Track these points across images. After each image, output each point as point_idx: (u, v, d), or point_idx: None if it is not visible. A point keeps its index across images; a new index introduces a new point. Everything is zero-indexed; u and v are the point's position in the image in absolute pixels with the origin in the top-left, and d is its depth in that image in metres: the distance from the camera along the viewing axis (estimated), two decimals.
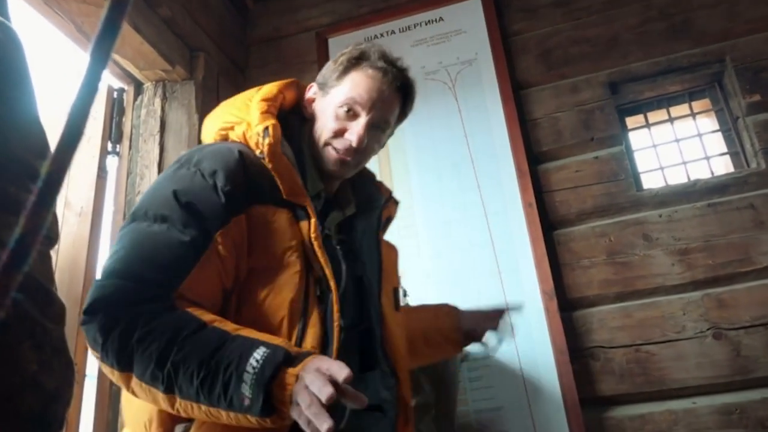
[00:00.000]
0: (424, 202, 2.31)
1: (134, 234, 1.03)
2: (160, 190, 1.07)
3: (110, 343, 0.93)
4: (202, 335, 0.93)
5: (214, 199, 1.06)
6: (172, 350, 0.91)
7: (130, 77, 2.38)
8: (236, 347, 0.91)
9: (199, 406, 0.91)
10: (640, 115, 2.35)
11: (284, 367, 0.89)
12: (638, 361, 1.96)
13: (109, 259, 1.01)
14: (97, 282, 0.99)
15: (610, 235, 2.12)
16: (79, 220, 2.10)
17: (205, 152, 1.13)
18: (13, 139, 0.80)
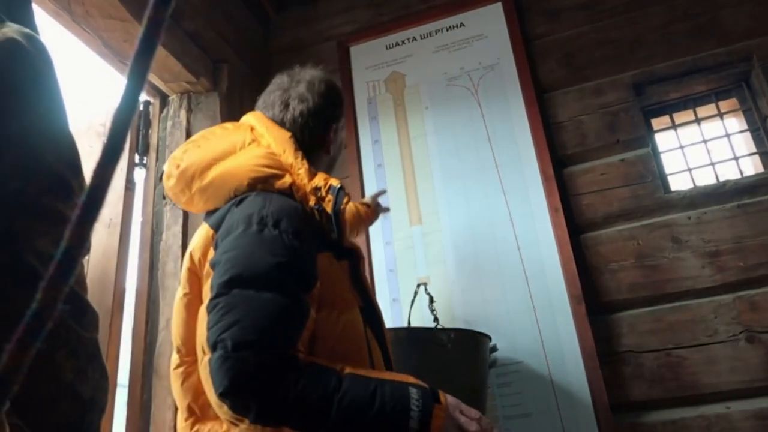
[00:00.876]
0: (448, 208, 2.31)
1: (248, 303, 1.07)
2: (257, 258, 1.11)
3: (266, 407, 1.02)
4: (350, 383, 1.08)
5: (306, 261, 1.15)
6: (332, 399, 1.04)
7: (156, 90, 2.41)
8: (392, 389, 1.09)
9: None
10: (665, 117, 2.33)
11: (435, 404, 1.10)
12: (670, 365, 1.93)
13: (228, 329, 1.04)
14: (229, 355, 1.02)
15: (638, 238, 2.09)
16: (109, 232, 2.13)
17: (275, 211, 1.17)
18: (47, 150, 0.81)
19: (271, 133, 1.34)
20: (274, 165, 1.27)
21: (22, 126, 0.80)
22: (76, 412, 0.79)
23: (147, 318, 2.13)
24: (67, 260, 0.37)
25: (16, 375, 0.35)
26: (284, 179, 1.25)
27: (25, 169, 0.78)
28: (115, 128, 0.37)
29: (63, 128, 0.86)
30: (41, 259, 0.74)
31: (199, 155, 1.30)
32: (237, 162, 1.27)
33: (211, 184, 1.26)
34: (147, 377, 2.05)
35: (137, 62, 0.37)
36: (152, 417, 2.00)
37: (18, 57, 0.82)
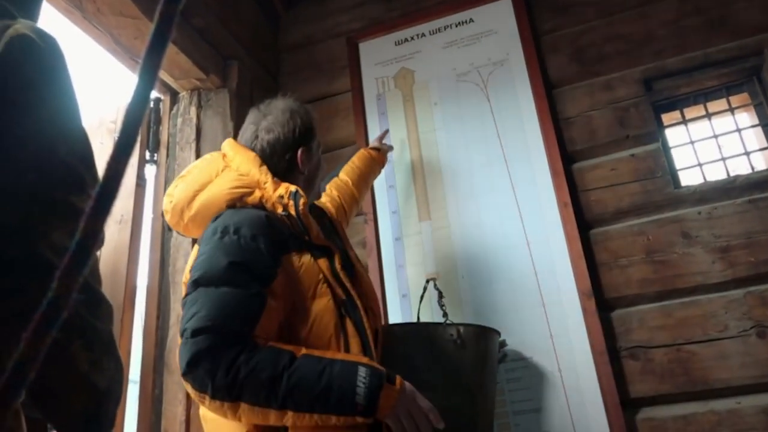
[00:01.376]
0: (457, 203, 2.31)
1: (206, 297, 1.24)
2: (216, 259, 1.29)
3: (219, 381, 1.17)
4: (303, 362, 1.21)
5: (262, 259, 1.30)
6: (281, 377, 1.18)
7: (166, 87, 2.43)
8: (341, 368, 1.22)
9: (312, 416, 1.19)
10: (676, 112, 2.31)
11: (387, 384, 1.23)
12: (680, 360, 1.93)
13: (190, 320, 1.22)
14: (188, 340, 1.20)
15: (648, 233, 2.09)
16: (120, 228, 2.15)
17: (238, 221, 1.35)
18: (60, 145, 0.82)
19: (239, 156, 1.52)
20: (244, 184, 1.46)
21: (35, 121, 0.81)
22: (92, 402, 0.80)
23: (158, 314, 2.15)
24: (81, 251, 0.38)
25: (32, 363, 0.36)
26: (254, 194, 1.44)
27: (39, 164, 0.79)
28: (129, 121, 0.38)
29: (76, 123, 0.87)
30: (56, 251, 0.75)
31: (184, 189, 1.50)
32: (214, 189, 1.47)
33: (198, 213, 1.47)
34: (158, 372, 2.07)
35: (149, 56, 0.38)
36: (164, 411, 2.01)
37: (30, 53, 0.83)
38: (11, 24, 0.83)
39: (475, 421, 1.68)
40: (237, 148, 1.56)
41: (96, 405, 0.81)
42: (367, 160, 2.19)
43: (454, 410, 1.63)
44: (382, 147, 2.29)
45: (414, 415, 1.25)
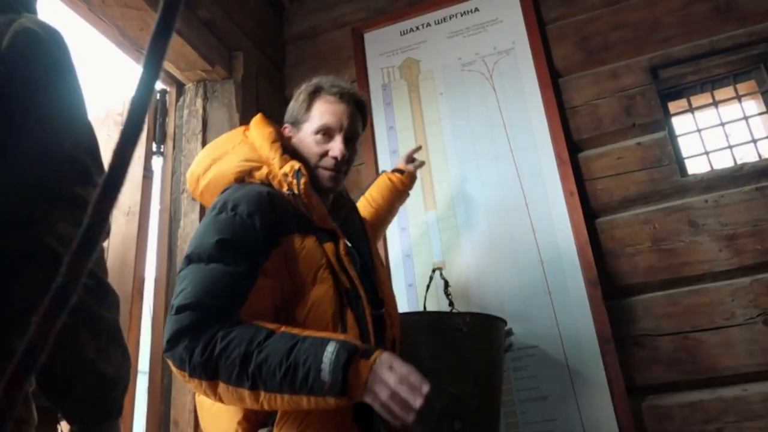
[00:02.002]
0: (463, 193, 2.31)
1: (195, 273, 1.21)
2: (208, 236, 1.25)
3: (195, 359, 1.12)
4: (276, 339, 1.14)
5: (255, 237, 1.25)
6: (252, 354, 1.11)
7: (172, 78, 2.43)
8: (310, 344, 1.12)
9: (282, 396, 1.11)
10: (683, 100, 2.31)
11: (358, 358, 1.11)
12: (686, 348, 1.93)
13: (177, 297, 1.19)
14: (171, 317, 1.17)
15: (654, 222, 2.09)
16: (128, 219, 2.16)
17: (238, 197, 1.31)
18: (66, 137, 0.83)
19: (257, 130, 1.47)
20: (255, 158, 1.42)
21: (41, 115, 0.81)
22: (99, 389, 0.82)
23: (166, 304, 2.16)
24: (89, 237, 0.38)
25: (42, 346, 0.37)
26: (262, 170, 1.40)
27: (45, 157, 0.80)
28: (134, 110, 0.39)
29: (81, 116, 0.88)
30: (62, 242, 0.77)
31: (203, 159, 1.49)
32: (227, 162, 1.44)
33: (210, 183, 1.45)
34: (167, 362, 2.09)
35: (154, 45, 0.39)
36: (173, 400, 2.03)
37: (36, 47, 0.83)
38: (16, 18, 0.84)
39: (481, 409, 1.69)
40: (261, 123, 1.51)
41: (103, 392, 0.82)
42: (385, 189, 2.01)
43: (460, 398, 1.64)
44: (406, 169, 2.07)
45: (393, 387, 1.08)
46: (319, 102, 1.49)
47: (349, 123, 1.49)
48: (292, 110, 1.53)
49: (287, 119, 1.53)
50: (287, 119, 1.53)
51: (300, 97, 1.52)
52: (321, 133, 1.46)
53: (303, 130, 1.49)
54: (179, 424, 1.99)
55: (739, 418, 1.83)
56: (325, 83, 1.51)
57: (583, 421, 1.92)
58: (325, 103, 1.48)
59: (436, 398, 1.46)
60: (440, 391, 1.61)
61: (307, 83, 1.54)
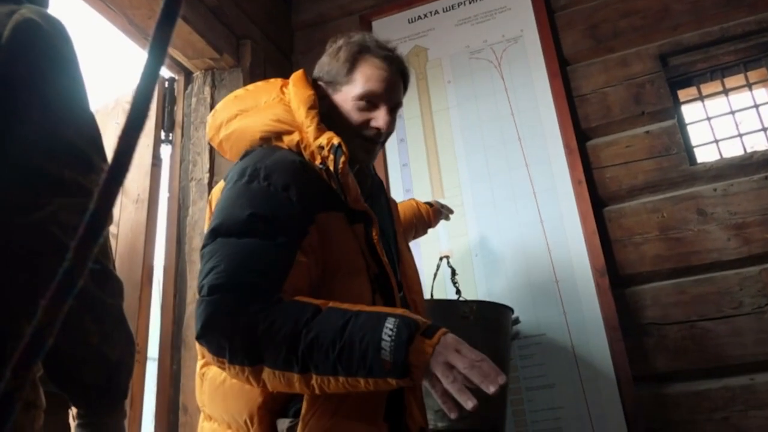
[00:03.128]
0: (471, 181, 2.31)
1: (226, 249, 1.08)
2: (239, 208, 1.13)
3: (237, 344, 1.01)
4: (325, 316, 1.02)
5: (291, 212, 1.13)
6: (300, 333, 1.00)
7: (180, 67, 2.44)
8: (365, 321, 1.01)
9: (337, 379, 1.00)
10: (692, 88, 2.29)
11: (420, 336, 0.99)
12: (693, 337, 1.93)
13: (207, 275, 1.06)
14: (203, 299, 1.04)
15: (662, 210, 2.08)
16: (137, 207, 2.18)
17: (270, 164, 1.18)
18: (67, 127, 0.84)
19: (295, 90, 1.32)
20: (286, 121, 1.28)
21: (42, 104, 0.82)
22: (103, 374, 0.83)
23: (175, 291, 2.18)
24: (95, 222, 0.39)
25: (50, 329, 0.38)
26: (293, 136, 1.26)
27: (47, 146, 0.81)
28: (140, 94, 0.39)
29: (83, 105, 0.89)
30: (65, 230, 0.77)
31: (230, 106, 1.36)
32: (255, 116, 1.31)
33: (231, 134, 1.32)
34: (176, 348, 2.11)
35: (160, 29, 0.39)
36: (182, 386, 2.05)
37: (36, 37, 0.84)
38: (16, 9, 0.84)
39: (487, 397, 1.69)
40: (299, 82, 1.35)
41: (107, 376, 0.84)
42: (409, 211, 1.93)
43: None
44: (435, 204, 2.03)
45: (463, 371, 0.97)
46: (365, 65, 1.33)
47: (394, 92, 1.36)
48: (329, 68, 1.37)
49: (323, 76, 1.38)
50: (323, 76, 1.38)
51: (341, 55, 1.35)
52: (365, 100, 1.32)
53: (342, 92, 1.34)
54: (188, 410, 2.01)
55: (746, 407, 1.83)
56: (370, 43, 1.36)
57: (590, 409, 1.93)
58: (372, 68, 1.33)
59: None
60: None
61: (347, 39, 1.38)
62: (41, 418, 0.84)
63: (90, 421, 0.85)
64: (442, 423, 1.62)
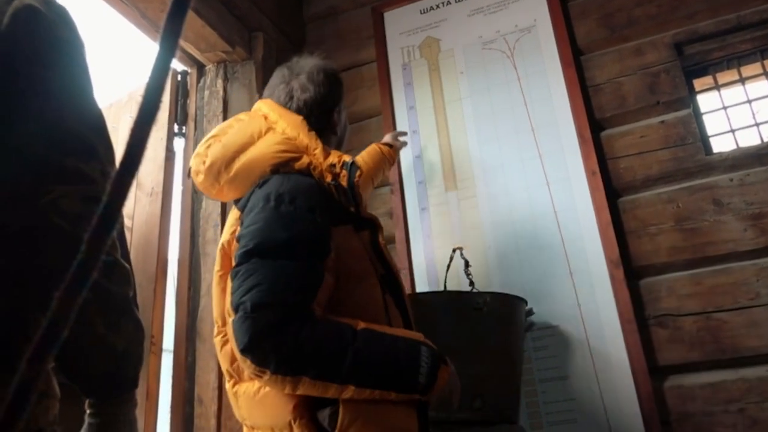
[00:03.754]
0: (484, 172, 2.30)
1: (265, 269, 1.19)
2: (273, 231, 1.24)
3: (282, 357, 1.13)
4: (365, 338, 1.19)
5: (318, 232, 1.26)
6: (346, 351, 1.15)
7: (193, 60, 2.44)
8: (405, 347, 1.22)
9: (372, 391, 1.17)
10: (708, 77, 2.26)
11: (442, 365, 1.24)
12: (709, 328, 1.91)
13: (247, 293, 1.16)
14: (248, 316, 1.13)
15: (678, 201, 2.06)
16: (151, 200, 2.19)
17: (292, 189, 1.29)
18: (68, 113, 0.83)
19: (284, 119, 1.44)
20: (292, 149, 1.38)
21: (44, 91, 0.82)
22: (111, 363, 0.83)
23: (189, 284, 2.19)
24: (108, 213, 0.39)
25: (64, 321, 0.38)
26: (302, 160, 1.37)
27: (48, 133, 0.80)
28: (152, 84, 0.39)
29: (86, 93, 0.88)
30: (66, 218, 0.77)
31: (221, 149, 1.41)
32: (258, 151, 1.38)
33: (237, 175, 1.39)
34: (191, 341, 2.12)
35: (170, 21, 0.39)
36: (197, 378, 2.07)
37: (37, 24, 0.83)
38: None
39: (501, 388, 1.70)
40: (280, 110, 1.48)
41: (115, 366, 0.84)
42: (375, 154, 1.98)
43: (480, 377, 1.65)
44: (395, 143, 2.08)
45: (455, 393, 1.28)
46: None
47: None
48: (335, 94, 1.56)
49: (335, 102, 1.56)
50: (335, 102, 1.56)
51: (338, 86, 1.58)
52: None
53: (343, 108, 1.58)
54: (203, 401, 2.02)
55: (762, 398, 1.81)
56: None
57: (604, 401, 1.92)
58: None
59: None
60: (461, 370, 1.62)
61: (334, 67, 1.59)
62: (55, 408, 0.85)
63: (100, 410, 0.85)
64: (459, 414, 1.62)
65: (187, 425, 2.03)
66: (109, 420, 0.85)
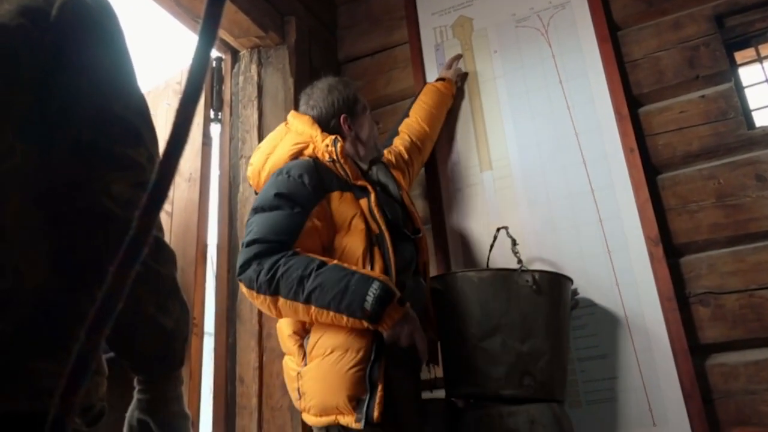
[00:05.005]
0: (519, 151, 2.28)
1: (259, 219, 1.62)
2: (268, 192, 1.66)
3: (261, 279, 1.52)
4: (329, 268, 1.52)
5: (304, 191, 1.65)
6: (309, 276, 1.49)
7: (227, 46, 2.47)
8: (358, 278, 1.50)
9: (328, 312, 1.49)
10: (750, 49, 2.20)
11: (395, 302, 1.49)
12: (752, 306, 1.88)
13: (247, 235, 1.60)
14: (242, 250, 1.58)
15: (719, 177, 2.02)
16: (189, 186, 2.23)
17: (290, 165, 1.72)
18: (115, 102, 0.86)
19: (296, 120, 1.87)
20: (301, 141, 1.79)
21: (90, 80, 0.85)
22: (160, 342, 0.86)
23: (228, 266, 2.23)
24: (157, 191, 0.41)
25: (119, 293, 0.39)
26: (309, 148, 1.77)
27: (97, 120, 0.83)
28: (195, 67, 0.40)
29: (130, 80, 0.91)
30: (116, 202, 0.80)
31: (259, 155, 1.87)
32: (280, 150, 1.81)
33: (269, 173, 1.78)
34: (231, 322, 2.16)
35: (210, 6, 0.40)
36: (238, 359, 2.11)
37: (84, 15, 0.86)
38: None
39: (550, 366, 1.70)
40: (296, 115, 1.90)
41: (164, 345, 0.87)
42: (433, 93, 2.31)
43: (530, 355, 1.66)
44: (446, 76, 2.37)
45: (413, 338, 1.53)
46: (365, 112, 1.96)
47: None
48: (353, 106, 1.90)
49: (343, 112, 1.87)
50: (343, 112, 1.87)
51: (358, 103, 1.93)
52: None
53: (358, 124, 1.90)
54: (245, 381, 2.07)
55: None
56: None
57: (644, 380, 1.91)
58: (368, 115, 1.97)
59: (507, 354, 1.64)
60: (510, 348, 1.63)
61: (347, 83, 1.96)
62: (104, 385, 0.89)
63: (149, 387, 0.88)
64: (504, 391, 1.64)
65: (229, 404, 2.08)
66: (158, 396, 0.88)
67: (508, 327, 1.68)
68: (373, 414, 1.45)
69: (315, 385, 1.54)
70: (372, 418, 1.45)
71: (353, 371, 1.50)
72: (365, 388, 1.49)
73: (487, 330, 1.68)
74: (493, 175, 2.30)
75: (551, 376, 1.71)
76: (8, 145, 0.77)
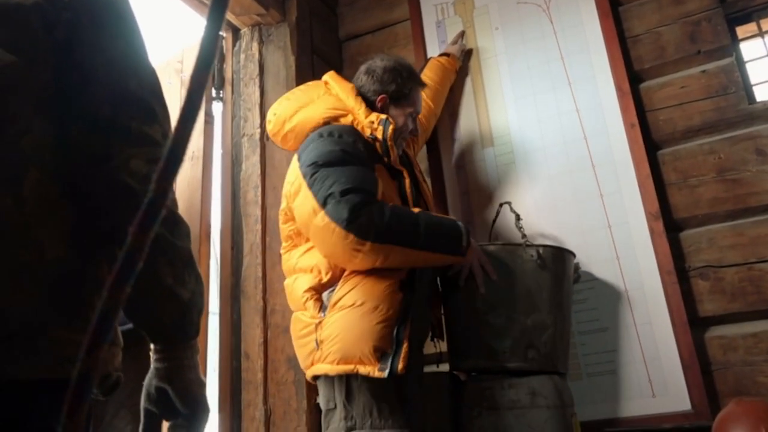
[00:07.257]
0: (520, 127, 2.29)
1: (335, 172, 1.58)
2: (331, 148, 1.63)
3: (378, 227, 1.51)
4: (424, 215, 1.63)
5: (361, 155, 1.66)
6: (419, 223, 1.58)
7: (228, 24, 2.46)
8: (447, 221, 1.70)
9: (433, 254, 1.62)
10: (752, 24, 2.20)
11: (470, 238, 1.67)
12: (751, 279, 1.90)
13: (332, 187, 1.55)
14: (339, 200, 1.52)
15: (719, 152, 2.03)
16: (192, 164, 2.24)
17: (339, 129, 1.71)
18: (130, 79, 0.89)
19: (339, 86, 1.85)
20: (341, 107, 1.78)
21: (106, 58, 0.87)
22: (177, 312, 0.89)
23: (232, 244, 2.25)
24: (173, 156, 0.42)
25: (139, 253, 0.41)
26: (347, 117, 1.76)
27: (113, 98, 0.86)
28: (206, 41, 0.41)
29: (143, 58, 0.93)
30: (135, 177, 0.83)
31: (287, 105, 1.84)
32: (314, 108, 1.79)
33: (297, 125, 1.80)
34: (235, 299, 2.19)
35: None
36: (243, 335, 2.14)
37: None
38: None
39: (553, 340, 1.73)
40: (338, 79, 1.88)
41: (181, 315, 0.89)
42: (438, 69, 2.31)
43: (532, 328, 1.68)
44: (451, 51, 2.37)
45: (483, 264, 1.69)
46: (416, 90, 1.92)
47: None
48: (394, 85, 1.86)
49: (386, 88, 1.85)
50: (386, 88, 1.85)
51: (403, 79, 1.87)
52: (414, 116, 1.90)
53: (401, 106, 1.87)
54: (250, 356, 2.10)
55: None
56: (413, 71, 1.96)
57: (644, 353, 1.93)
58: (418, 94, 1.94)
59: (511, 328, 1.67)
60: (515, 321, 1.66)
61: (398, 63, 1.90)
62: (119, 356, 0.91)
63: (167, 356, 0.90)
64: (510, 364, 1.66)
65: (234, 379, 2.11)
66: (175, 364, 0.90)
67: (512, 301, 1.70)
68: (398, 366, 1.49)
69: (340, 333, 1.56)
70: (397, 369, 1.49)
71: (382, 326, 1.54)
72: (391, 343, 1.53)
73: (492, 304, 1.70)
74: (494, 152, 2.31)
75: (555, 348, 1.73)
76: (27, 121, 0.79)
